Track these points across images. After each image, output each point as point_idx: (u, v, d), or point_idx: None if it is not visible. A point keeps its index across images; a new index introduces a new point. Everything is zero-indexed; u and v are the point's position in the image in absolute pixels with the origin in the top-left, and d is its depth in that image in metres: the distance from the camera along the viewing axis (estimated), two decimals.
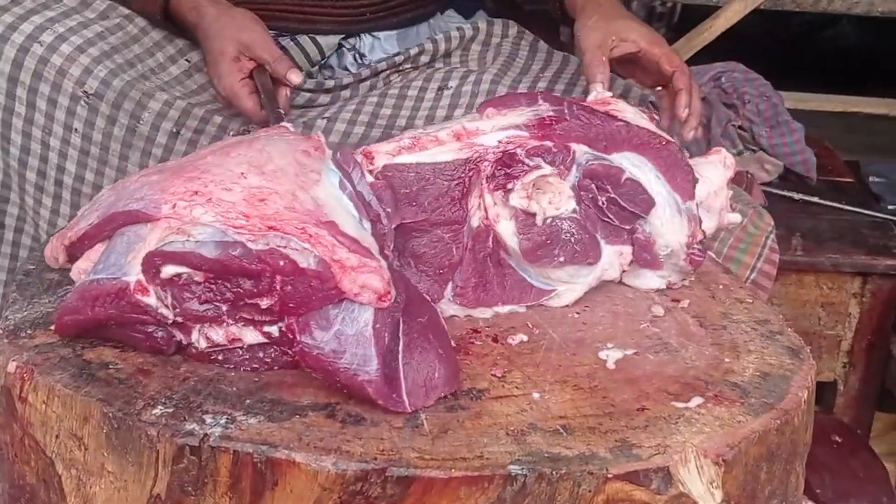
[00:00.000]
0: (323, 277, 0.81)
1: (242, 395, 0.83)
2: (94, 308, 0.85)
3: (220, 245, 0.81)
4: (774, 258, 1.61)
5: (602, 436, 0.80)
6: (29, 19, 1.31)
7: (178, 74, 1.41)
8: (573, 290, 1.03)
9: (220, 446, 0.77)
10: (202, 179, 0.85)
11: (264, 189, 0.84)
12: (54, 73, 1.30)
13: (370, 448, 0.77)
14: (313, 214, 0.83)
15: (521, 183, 0.98)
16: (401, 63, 1.52)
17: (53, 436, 0.84)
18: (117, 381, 0.84)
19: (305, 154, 0.89)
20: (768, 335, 0.98)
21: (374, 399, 0.78)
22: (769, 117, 1.98)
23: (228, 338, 0.85)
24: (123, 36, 1.38)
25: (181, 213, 0.83)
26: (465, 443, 0.78)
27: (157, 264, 0.82)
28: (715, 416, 0.83)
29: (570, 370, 0.90)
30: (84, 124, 1.32)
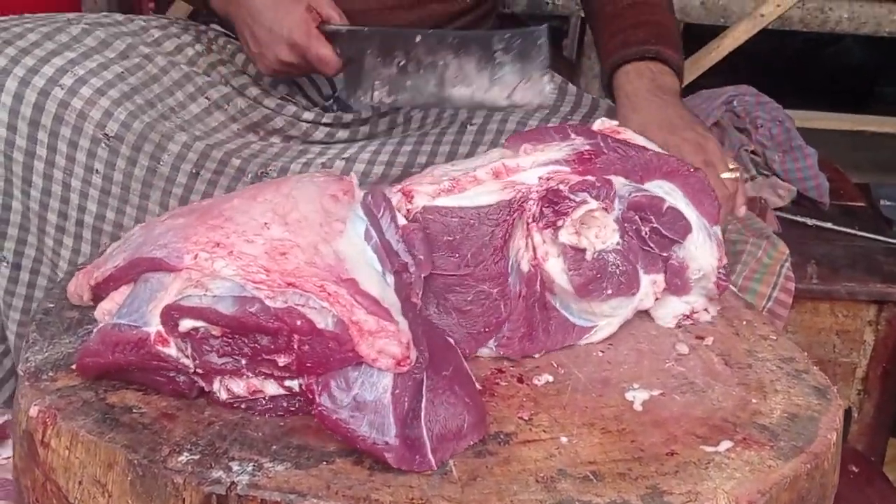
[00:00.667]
0: (341, 340, 0.80)
1: (269, 440, 0.82)
2: (115, 354, 0.84)
3: (238, 301, 0.80)
4: (790, 287, 1.60)
5: (632, 482, 0.79)
6: (50, 62, 1.30)
7: (197, 112, 1.41)
8: (611, 323, 1.02)
9: (247, 495, 0.76)
10: (225, 229, 0.84)
11: (286, 242, 0.83)
12: (75, 116, 1.29)
13: (399, 497, 0.76)
14: (334, 270, 0.82)
15: (570, 219, 0.97)
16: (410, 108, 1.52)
17: (77, 482, 0.83)
18: (141, 427, 0.83)
19: (333, 199, 0.88)
20: (794, 374, 0.97)
21: (396, 466, 0.77)
22: (782, 142, 1.98)
23: (249, 390, 0.84)
24: (143, 76, 1.38)
25: (202, 265, 0.82)
26: (494, 490, 0.77)
27: (175, 318, 0.82)
28: (745, 461, 0.83)
29: (598, 412, 0.89)
30: (105, 165, 1.32)
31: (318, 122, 1.46)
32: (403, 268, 0.86)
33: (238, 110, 1.44)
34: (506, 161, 0.99)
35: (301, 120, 1.45)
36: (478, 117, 1.47)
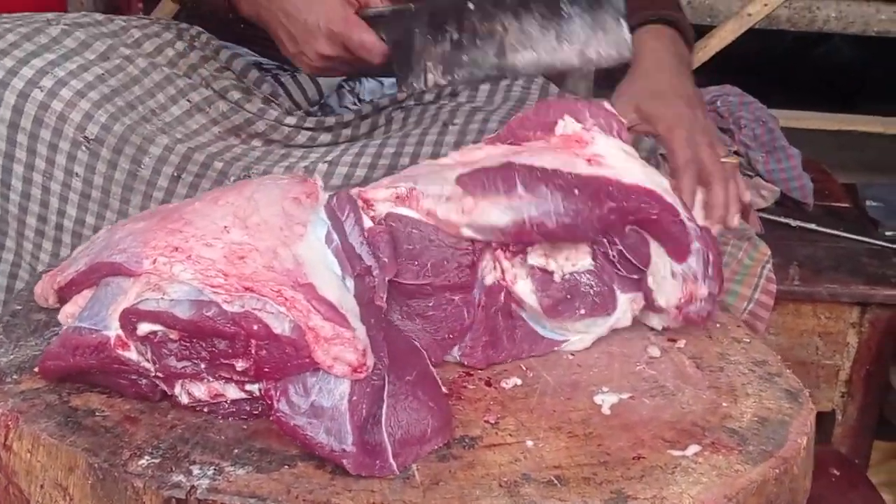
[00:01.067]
0: (297, 345, 0.79)
1: (231, 444, 0.81)
2: (76, 357, 0.83)
3: (195, 305, 0.79)
4: (771, 288, 1.59)
5: (597, 487, 0.78)
6: (29, 63, 1.29)
7: (179, 115, 1.39)
8: (585, 339, 1.01)
9: (207, 499, 0.75)
10: (184, 233, 0.83)
11: (245, 246, 0.82)
12: (55, 118, 1.28)
13: (360, 501, 0.75)
14: (292, 275, 0.81)
15: (538, 245, 0.96)
16: (403, 100, 1.50)
17: (38, 486, 0.82)
18: (104, 430, 0.82)
19: (296, 202, 0.87)
20: (766, 377, 0.96)
21: (354, 473, 0.77)
22: (765, 142, 1.97)
23: (211, 394, 0.83)
24: (124, 77, 1.36)
25: (161, 269, 0.81)
26: (457, 495, 0.77)
27: (133, 321, 0.81)
28: (712, 465, 0.82)
29: (565, 416, 0.88)
30: (85, 169, 1.30)
31: (301, 127, 1.44)
32: (366, 271, 0.85)
33: (220, 113, 1.43)
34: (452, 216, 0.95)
35: (283, 124, 1.43)
36: (459, 117, 1.46)
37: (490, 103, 1.54)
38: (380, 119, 1.48)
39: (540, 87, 1.58)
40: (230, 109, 1.43)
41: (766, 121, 1.99)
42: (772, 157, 1.96)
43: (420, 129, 1.46)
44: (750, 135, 1.97)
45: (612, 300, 0.99)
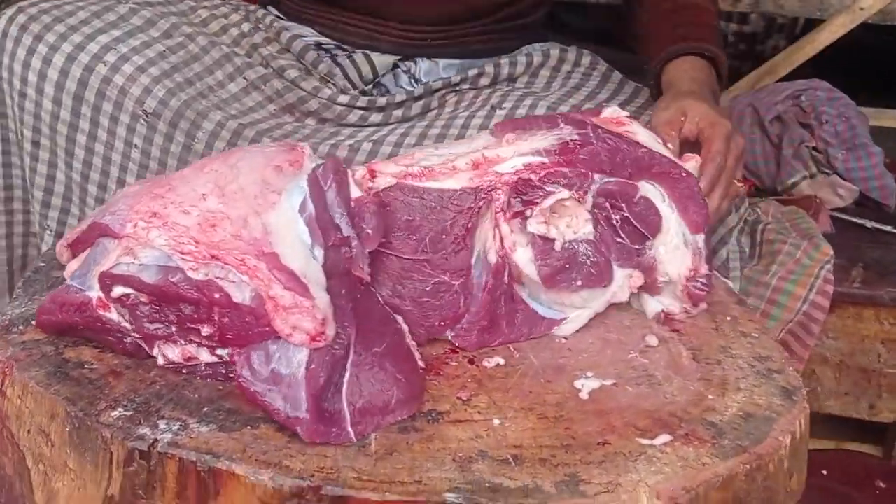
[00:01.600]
0: (257, 314, 0.81)
1: (202, 402, 0.84)
2: (63, 313, 0.87)
3: (162, 270, 0.82)
4: (828, 289, 1.55)
5: (552, 469, 0.77)
6: (96, 39, 1.36)
7: (236, 92, 1.44)
8: (581, 315, 1.00)
9: (167, 453, 0.78)
10: (165, 199, 0.86)
11: (218, 214, 0.84)
12: (116, 92, 1.34)
13: (310, 465, 0.76)
14: (258, 244, 0.82)
15: (539, 208, 0.96)
16: (458, 83, 1.51)
17: (26, 430, 0.86)
18: (87, 382, 0.86)
19: (277, 170, 0.88)
20: (765, 373, 0.93)
21: (307, 440, 0.78)
22: (846, 139, 1.89)
23: (184, 356, 0.86)
24: (185, 55, 1.42)
25: (139, 233, 0.84)
26: (407, 466, 0.77)
27: (108, 284, 0.84)
28: (680, 456, 0.80)
29: (540, 398, 0.87)
30: (143, 141, 1.36)
31: (353, 106, 1.47)
32: (343, 241, 0.86)
33: (275, 91, 1.47)
34: (486, 152, 0.98)
35: (336, 103, 1.46)
36: (508, 101, 1.45)
37: (547, 89, 1.53)
38: (433, 101, 1.49)
39: (601, 75, 1.56)
40: (285, 88, 1.47)
41: (849, 117, 1.91)
42: (852, 154, 1.88)
43: (468, 112, 1.46)
44: (831, 131, 1.90)
45: (608, 272, 0.98)
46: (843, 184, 1.89)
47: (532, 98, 1.47)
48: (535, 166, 0.96)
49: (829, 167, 1.90)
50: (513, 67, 1.52)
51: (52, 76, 1.35)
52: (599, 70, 1.58)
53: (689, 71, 1.36)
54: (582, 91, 1.51)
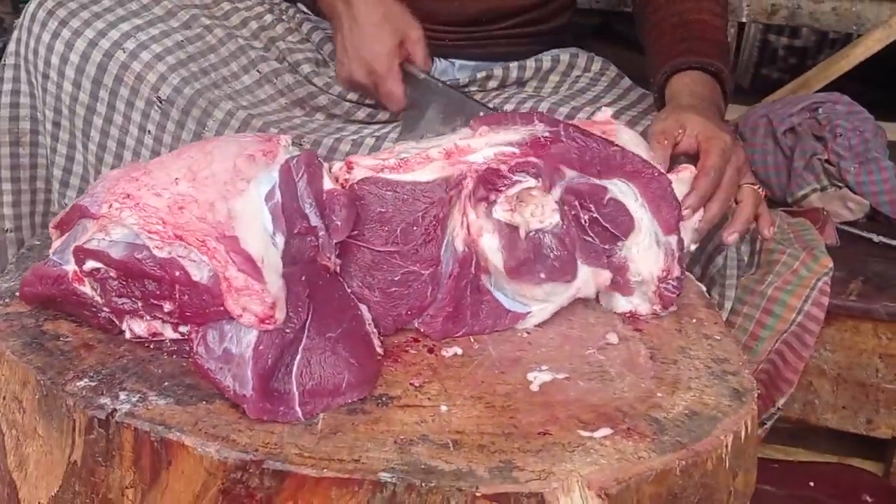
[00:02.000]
0: (212, 293, 0.85)
1: (164, 377, 0.88)
2: (42, 286, 0.92)
3: (129, 247, 0.87)
4: (823, 301, 1.55)
5: (489, 455, 0.80)
6: (117, 26, 1.41)
7: (249, 84, 1.48)
8: (545, 309, 1.03)
9: (123, 422, 0.82)
10: (139, 182, 0.90)
11: (187, 197, 0.88)
12: (133, 78, 1.40)
13: (256, 440, 0.80)
14: (220, 227, 0.86)
15: (505, 196, 0.98)
16: (465, 85, 1.53)
17: (1, 397, 0.91)
18: (59, 353, 0.90)
19: (249, 159, 0.92)
20: (719, 375, 0.95)
21: (253, 417, 0.81)
22: (859, 153, 1.88)
23: (150, 331, 0.90)
24: (202, 45, 1.47)
25: (113, 213, 0.88)
26: (348, 445, 0.80)
27: (81, 258, 0.88)
28: (617, 449, 0.82)
29: (491, 388, 0.90)
30: (156, 127, 1.41)
31: (362, 103, 1.49)
32: (310, 231, 0.89)
33: (286, 85, 1.50)
34: (458, 142, 1.01)
35: (345, 100, 1.49)
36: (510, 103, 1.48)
37: (555, 93, 1.54)
38: None
39: (609, 80, 1.58)
40: (296, 82, 1.51)
41: (863, 131, 1.90)
42: (864, 168, 1.87)
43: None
44: (844, 144, 1.89)
45: (571, 266, 1.01)
46: (854, 197, 1.89)
47: (534, 101, 1.49)
48: (506, 156, 0.99)
49: (841, 180, 1.89)
50: (521, 71, 1.54)
51: (73, 60, 1.41)
52: (608, 76, 1.59)
53: (690, 85, 1.37)
54: (586, 95, 1.52)
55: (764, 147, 1.97)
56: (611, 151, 1.02)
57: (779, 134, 1.95)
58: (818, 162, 1.90)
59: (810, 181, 1.91)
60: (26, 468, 0.89)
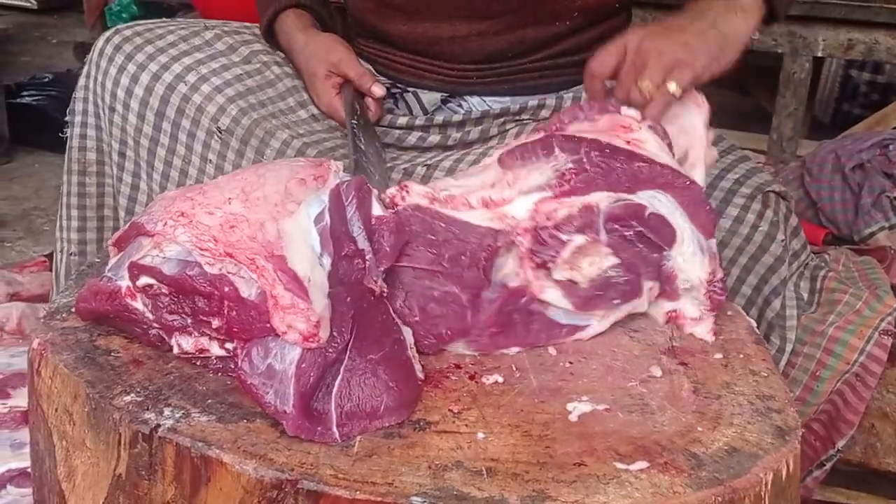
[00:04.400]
0: (260, 310, 0.87)
1: (209, 395, 0.90)
2: (96, 302, 0.95)
3: (181, 264, 0.89)
4: (886, 342, 1.52)
5: (522, 484, 0.80)
6: (180, 60, 1.47)
7: (305, 118, 1.52)
8: (604, 322, 1.04)
9: (166, 437, 0.84)
10: (194, 201, 0.93)
11: (238, 217, 0.91)
12: (194, 110, 1.45)
13: (293, 460, 0.81)
14: (270, 246, 0.88)
15: (561, 259, 0.99)
16: (518, 112, 1.53)
17: (54, 408, 0.93)
18: (110, 367, 0.93)
19: (300, 183, 0.95)
20: (763, 412, 0.93)
21: (291, 434, 0.83)
22: None
23: (197, 347, 0.92)
24: (260, 80, 1.52)
25: (167, 231, 0.91)
26: (382, 469, 0.81)
27: (135, 274, 0.91)
28: (652, 483, 0.81)
29: (530, 416, 0.90)
30: (217, 156, 1.46)
31: (412, 127, 1.51)
32: (357, 254, 0.91)
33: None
34: (493, 194, 1.01)
35: (395, 127, 1.51)
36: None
37: None
38: (492, 128, 1.51)
39: None
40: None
41: None
42: None
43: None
44: None
45: (638, 287, 1.03)
46: None
47: None
48: (546, 210, 0.99)
49: None
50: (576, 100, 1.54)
51: (137, 93, 1.46)
52: None
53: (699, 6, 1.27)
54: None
55: (831, 183, 1.94)
56: (637, 167, 1.01)
57: (847, 170, 1.92)
58: (887, 199, 1.87)
59: (878, 219, 1.87)
60: (74, 479, 0.91)
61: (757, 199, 1.35)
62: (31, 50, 5.03)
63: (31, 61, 4.75)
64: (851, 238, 1.91)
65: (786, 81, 2.95)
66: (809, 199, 1.99)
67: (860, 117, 3.57)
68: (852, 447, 1.65)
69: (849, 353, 1.50)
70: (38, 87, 3.67)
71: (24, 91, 3.65)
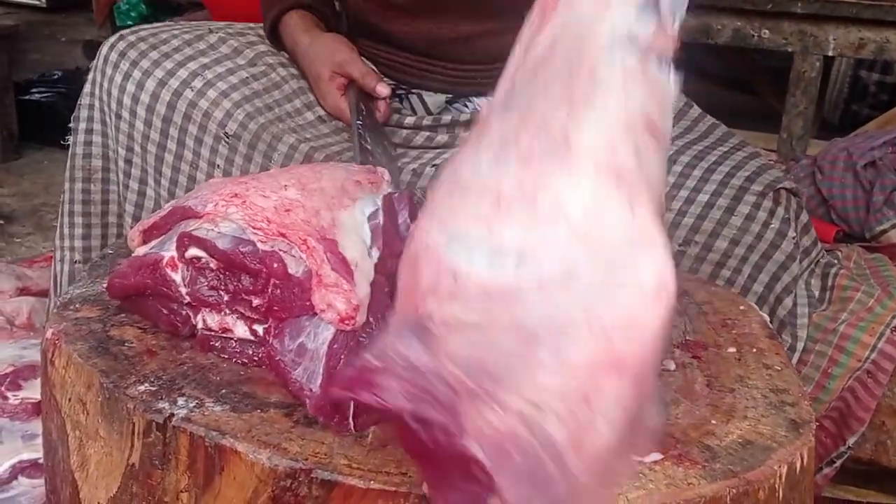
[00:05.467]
0: (303, 287, 0.88)
1: (222, 385, 0.90)
2: (136, 276, 0.96)
3: (235, 240, 0.91)
4: None
5: None
6: (185, 65, 1.47)
7: (312, 120, 1.51)
8: None
9: (180, 426, 0.84)
10: (248, 185, 0.96)
11: (294, 202, 0.93)
12: (201, 115, 1.44)
13: (307, 449, 0.81)
14: (323, 231, 0.90)
15: None
16: None
17: (67, 398, 0.94)
18: (124, 357, 0.93)
19: (357, 184, 0.98)
20: (777, 405, 0.93)
21: (312, 413, 0.83)
22: None
23: (221, 326, 0.93)
24: (266, 82, 1.51)
25: (219, 210, 0.93)
26: (396, 459, 0.81)
27: (185, 244, 0.93)
28: (667, 475, 0.81)
29: None
30: (225, 161, 1.45)
31: (419, 127, 1.51)
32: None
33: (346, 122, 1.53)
34: None
35: (402, 126, 1.51)
36: None
37: None
38: None
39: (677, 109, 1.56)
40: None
41: None
42: None
43: None
44: None
45: None
46: None
47: None
48: None
49: None
50: None
51: (144, 99, 1.46)
52: (676, 105, 1.57)
53: None
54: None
55: (843, 181, 1.94)
56: None
57: (859, 168, 1.92)
58: None
59: (890, 216, 1.87)
60: (87, 468, 0.92)
61: (768, 197, 1.35)
62: (41, 48, 5.05)
63: (41, 59, 4.77)
64: (863, 235, 1.91)
65: (796, 80, 2.94)
66: (821, 197, 1.99)
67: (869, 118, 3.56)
68: (862, 444, 1.64)
69: (860, 350, 1.50)
70: (47, 85, 3.69)
71: (33, 88, 3.67)
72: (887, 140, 1.94)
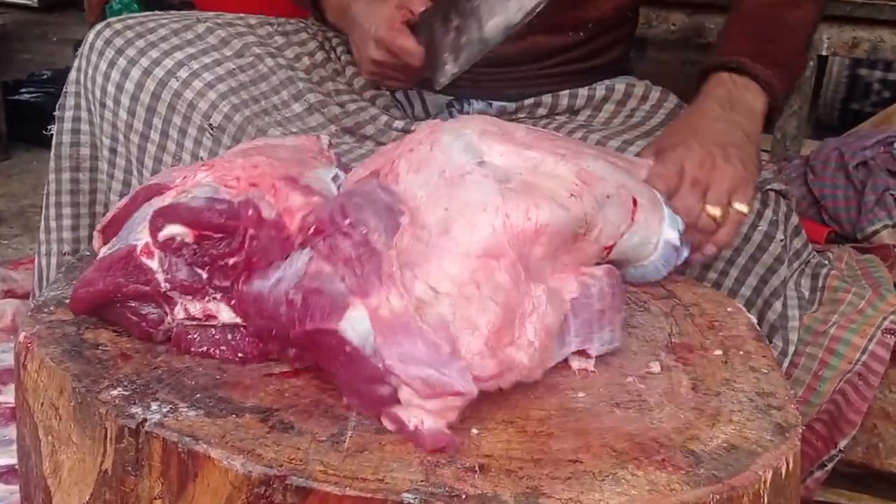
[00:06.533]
0: (279, 226, 0.90)
1: (197, 389, 0.88)
2: (106, 278, 0.93)
3: (210, 200, 0.92)
4: (889, 341, 1.49)
5: (516, 481, 0.78)
6: (171, 55, 1.44)
7: (299, 112, 1.49)
8: None
9: (153, 432, 0.82)
10: (213, 160, 0.99)
11: (262, 162, 0.96)
12: (186, 106, 1.41)
13: (282, 455, 0.79)
14: (291, 178, 0.94)
15: None
16: (514, 112, 1.51)
17: (40, 403, 0.92)
18: (97, 361, 0.91)
19: (313, 158, 1.02)
20: (762, 409, 0.91)
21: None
22: None
23: (205, 313, 0.92)
24: (253, 73, 1.48)
25: (188, 179, 0.94)
26: (374, 465, 0.79)
27: (159, 223, 0.91)
28: (649, 481, 0.79)
29: (526, 412, 0.88)
30: (209, 153, 1.43)
31: (408, 130, 1.49)
32: None
33: (334, 115, 1.50)
34: None
35: (392, 128, 1.49)
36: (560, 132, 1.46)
37: (607, 124, 1.51)
38: None
39: (668, 111, 1.54)
40: (342, 113, 1.50)
41: None
42: None
43: None
44: None
45: None
46: None
47: (584, 131, 1.46)
48: None
49: None
50: (573, 99, 1.51)
51: (128, 88, 1.43)
52: (667, 107, 1.55)
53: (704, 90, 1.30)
54: (641, 127, 1.48)
55: (834, 181, 1.92)
56: None
57: (850, 168, 1.90)
58: (891, 197, 1.85)
59: (881, 217, 1.85)
60: (60, 475, 0.90)
61: (756, 199, 1.33)
62: (32, 48, 5.02)
63: (32, 59, 4.74)
64: (854, 236, 1.89)
65: None
66: (812, 197, 1.97)
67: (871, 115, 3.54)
68: (854, 448, 1.62)
69: (851, 352, 1.48)
70: (36, 85, 3.66)
71: (22, 88, 3.64)
72: (879, 140, 1.92)
